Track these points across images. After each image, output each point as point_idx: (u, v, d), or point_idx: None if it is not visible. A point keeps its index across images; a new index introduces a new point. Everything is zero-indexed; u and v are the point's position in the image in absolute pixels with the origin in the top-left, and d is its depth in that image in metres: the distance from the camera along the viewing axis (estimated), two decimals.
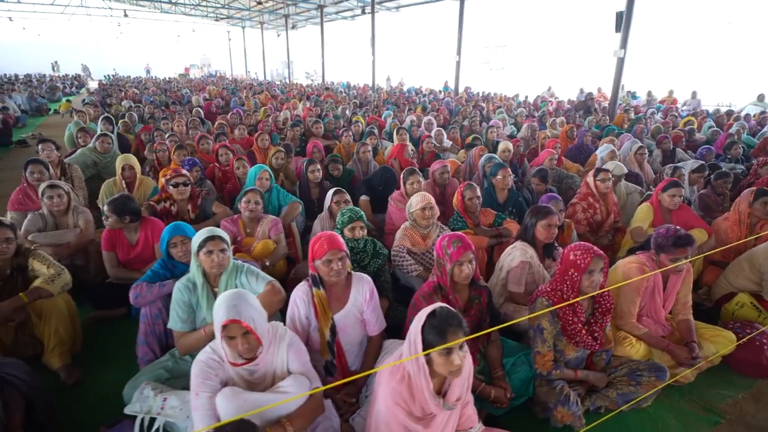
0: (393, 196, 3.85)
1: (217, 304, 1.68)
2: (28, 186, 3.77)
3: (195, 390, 1.65)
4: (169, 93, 14.36)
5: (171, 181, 3.54)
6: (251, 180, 3.84)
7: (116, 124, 6.82)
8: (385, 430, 1.63)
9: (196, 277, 2.26)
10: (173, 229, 2.50)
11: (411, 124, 7.57)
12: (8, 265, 2.46)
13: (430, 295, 2.15)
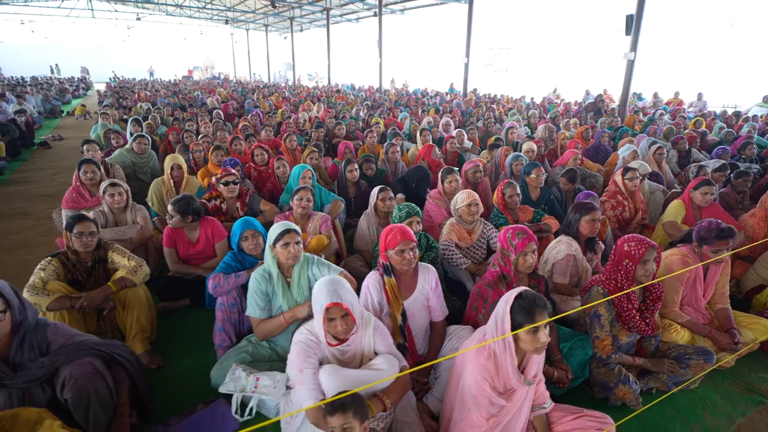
0: (431, 194, 4.01)
1: (317, 290, 1.84)
2: (81, 185, 3.92)
3: (298, 367, 1.81)
4: (180, 96, 14.50)
5: (222, 180, 3.70)
6: (295, 179, 4.00)
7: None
8: (472, 402, 1.78)
9: (272, 268, 2.42)
10: (245, 223, 2.66)
11: (428, 125, 7.73)
12: (90, 258, 2.62)
13: (495, 283, 2.31)
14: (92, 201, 3.94)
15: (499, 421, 1.80)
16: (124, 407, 1.94)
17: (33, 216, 4.98)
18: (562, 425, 1.92)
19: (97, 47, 42.75)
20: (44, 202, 5.53)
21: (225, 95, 14.96)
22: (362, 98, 15.22)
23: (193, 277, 3.18)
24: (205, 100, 12.76)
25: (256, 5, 27.80)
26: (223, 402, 2.10)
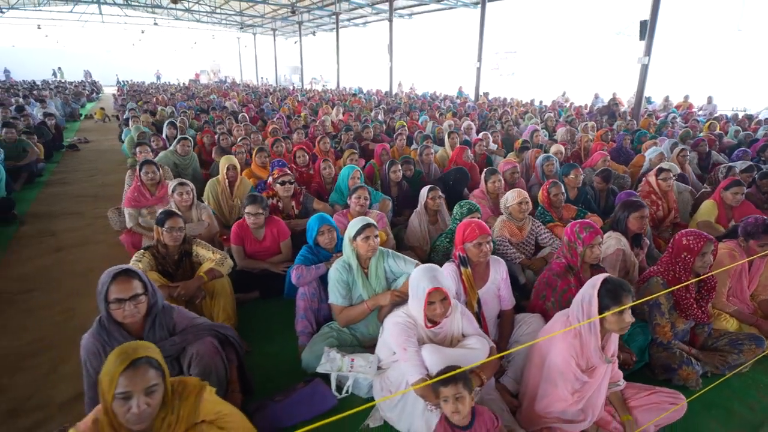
0: (474, 193, 4.21)
1: (418, 276, 2.03)
2: (141, 185, 4.11)
3: (402, 345, 2.00)
4: (197, 99, 14.73)
5: (279, 180, 3.89)
6: (344, 179, 4.20)
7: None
8: (559, 378, 1.97)
9: (351, 260, 2.61)
10: (321, 219, 2.86)
11: (449, 128, 7.94)
12: (177, 251, 2.81)
13: (563, 273, 2.49)
14: (152, 200, 4.14)
15: (583, 396, 1.99)
16: (234, 383, 2.13)
17: (85, 215, 5.18)
18: (636, 400, 2.10)
19: (105, 51, 43.01)
20: (90, 202, 5.73)
21: (240, 99, 15.19)
22: (375, 102, 15.42)
23: (260, 271, 3.37)
24: (224, 104, 12.97)
25: (266, 10, 28.08)
26: (320, 381, 2.29)
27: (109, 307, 1.83)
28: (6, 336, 2.83)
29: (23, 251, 4.13)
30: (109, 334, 1.87)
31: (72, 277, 3.67)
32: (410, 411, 2.04)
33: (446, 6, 21.39)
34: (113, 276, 1.84)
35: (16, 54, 38.22)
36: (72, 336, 2.85)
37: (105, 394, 1.37)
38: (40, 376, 2.48)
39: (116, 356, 1.39)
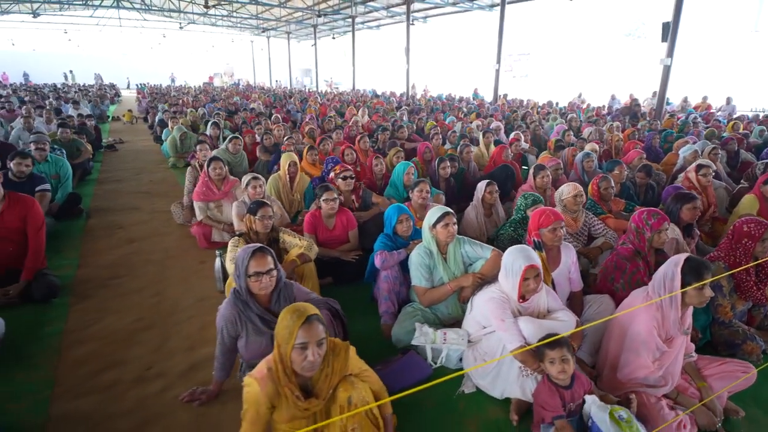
0: (523, 188, 4.42)
1: (513, 255, 2.25)
2: (209, 180, 4.38)
3: (500, 317, 2.22)
4: (222, 101, 15.07)
5: (340, 175, 4.14)
6: (399, 175, 4.44)
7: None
8: (642, 347, 2.18)
9: (431, 245, 2.84)
10: (399, 209, 3.10)
11: (478, 129, 8.16)
12: (266, 238, 3.06)
13: (632, 258, 2.70)
14: (219, 194, 4.41)
15: (662, 364, 2.20)
16: None
17: (143, 210, 5.46)
18: (709, 370, 2.31)
19: (120, 54, 43.68)
20: (144, 198, 6.02)
21: (263, 100, 15.52)
22: (394, 103, 15.67)
23: (330, 259, 3.61)
24: (250, 106, 13.29)
25: (281, 13, 28.49)
26: (414, 353, 2.52)
27: (248, 280, 2.07)
28: (111, 316, 3.09)
29: (99, 242, 4.40)
30: (245, 304, 2.12)
31: (151, 265, 3.93)
32: (504, 377, 2.26)
33: (462, 9, 21.63)
34: (251, 253, 2.08)
35: (28, 57, 38.77)
36: (167, 317, 3.12)
37: (284, 345, 1.61)
38: (152, 351, 2.73)
39: (291, 314, 1.63)
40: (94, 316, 3.08)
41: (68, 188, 5.12)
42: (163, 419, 2.16)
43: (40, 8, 26.67)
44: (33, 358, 2.62)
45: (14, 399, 2.29)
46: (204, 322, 3.02)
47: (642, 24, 46.86)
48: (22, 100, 14.61)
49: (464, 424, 2.18)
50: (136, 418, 2.17)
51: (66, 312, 3.13)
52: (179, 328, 2.96)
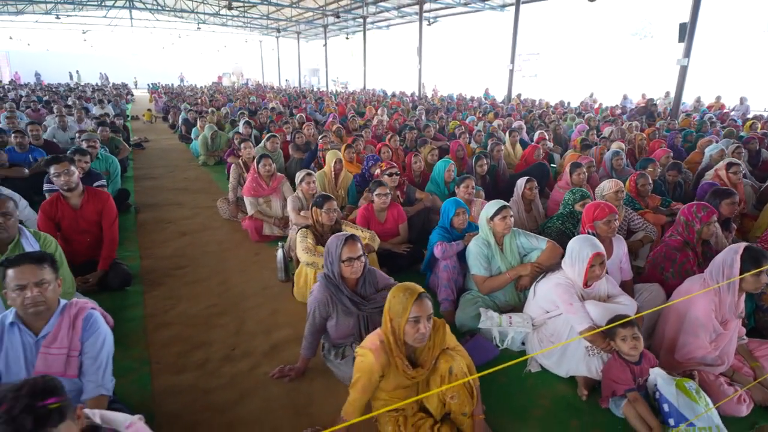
0: (559, 184, 4.60)
1: (579, 244, 2.44)
2: (258, 176, 4.57)
3: (568, 301, 2.40)
4: (239, 101, 15.28)
5: (386, 171, 4.32)
6: (441, 172, 4.62)
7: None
8: (701, 329, 2.35)
9: (489, 237, 3.03)
10: (456, 202, 3.29)
11: (499, 128, 8.34)
12: (330, 230, 3.25)
13: (682, 248, 2.88)
14: (268, 190, 4.60)
15: (719, 345, 2.38)
16: None
17: (186, 205, 5.67)
18: (761, 351, 2.49)
19: (129, 55, 43.93)
20: (184, 194, 6.23)
21: (280, 100, 15.72)
22: (407, 103, 15.84)
23: (383, 251, 3.79)
24: (269, 105, 13.50)
25: (292, 13, 28.71)
26: (480, 337, 2.71)
27: (341, 264, 2.27)
28: (185, 302, 3.29)
29: (153, 236, 4.61)
30: (337, 287, 2.31)
31: (209, 256, 4.13)
32: (570, 356, 2.44)
33: (473, 9, 21.78)
34: (344, 240, 2.27)
35: (37, 57, 38.87)
36: (237, 303, 3.32)
37: (397, 319, 1.80)
38: (231, 334, 2.92)
39: (404, 291, 1.82)
40: (168, 302, 3.29)
41: (117, 184, 5.34)
42: (258, 392, 2.36)
43: (54, 9, 27.08)
44: (123, 339, 2.82)
45: (118, 374, 2.49)
46: (273, 308, 3.23)
47: (649, 23, 46.79)
48: (40, 99, 14.88)
49: (536, 398, 2.36)
50: (233, 391, 2.37)
51: (141, 299, 3.33)
52: (251, 314, 3.16)
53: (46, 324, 1.87)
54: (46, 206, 3.33)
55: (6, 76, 35.21)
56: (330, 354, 2.48)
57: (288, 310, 3.21)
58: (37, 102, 13.04)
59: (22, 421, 1.05)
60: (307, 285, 3.13)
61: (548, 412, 2.27)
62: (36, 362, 1.83)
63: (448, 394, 1.90)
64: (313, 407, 2.28)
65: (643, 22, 47.05)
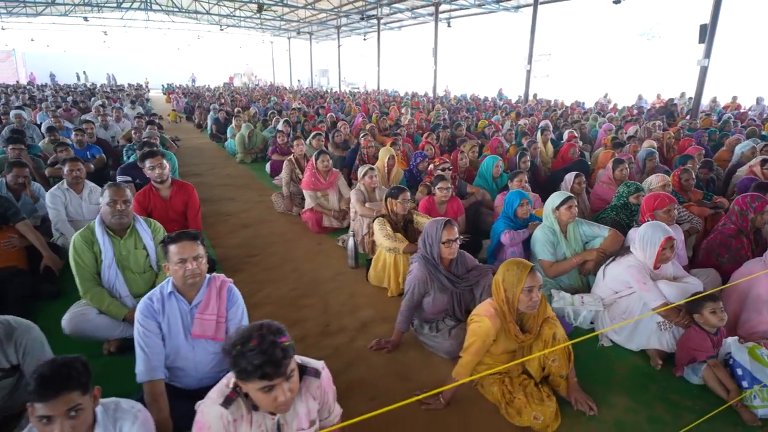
0: (602, 179, 4.84)
1: (652, 229, 2.68)
2: (317, 171, 4.84)
3: (641, 281, 2.64)
4: (261, 102, 15.59)
5: (439, 167, 4.59)
6: (489, 168, 4.89)
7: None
8: (763, 306, 2.59)
9: (554, 225, 3.28)
10: (521, 194, 3.54)
11: (525, 127, 8.60)
12: (403, 219, 3.52)
13: (736, 235, 3.12)
14: (325, 184, 4.87)
15: None
16: None
17: (239, 200, 5.95)
18: None
19: (144, 56, 44.32)
20: (231, 189, 6.51)
21: (301, 100, 16.02)
22: (425, 103, 16.10)
23: None
24: (292, 105, 13.79)
25: (305, 14, 29.04)
26: None
27: (441, 246, 2.53)
28: (268, 286, 3.56)
29: (217, 227, 4.89)
30: (435, 266, 2.58)
31: (275, 245, 4.40)
32: (642, 331, 2.69)
33: (487, 11, 22.01)
34: (444, 224, 2.53)
35: (46, 58, 38.96)
36: (316, 287, 3.59)
37: (511, 289, 2.06)
38: (320, 313, 3.19)
39: (517, 265, 2.08)
40: (252, 286, 3.55)
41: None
42: (363, 362, 2.62)
43: (72, 11, 27.56)
44: None
45: None
46: (351, 292, 3.49)
47: (657, 24, 46.75)
48: (64, 98, 15.26)
49: (614, 367, 2.61)
50: (340, 360, 2.63)
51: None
52: (332, 296, 3.42)
53: (197, 294, 2.14)
54: (139, 197, 3.61)
55: (23, 77, 35.73)
56: (423, 329, 2.74)
57: (365, 293, 3.47)
58: (68, 102, 13.41)
59: (272, 351, 1.31)
60: (384, 269, 3.40)
61: (627, 378, 2.52)
62: (193, 326, 2.10)
63: (550, 358, 2.16)
64: (413, 375, 2.54)
65: (650, 23, 47.02)
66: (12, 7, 26.10)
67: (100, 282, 2.76)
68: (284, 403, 1.34)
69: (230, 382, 1.45)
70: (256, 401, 1.38)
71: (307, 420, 1.52)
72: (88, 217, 4.16)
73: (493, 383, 2.23)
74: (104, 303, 2.70)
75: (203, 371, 2.15)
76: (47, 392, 1.29)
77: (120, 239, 2.82)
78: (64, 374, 1.33)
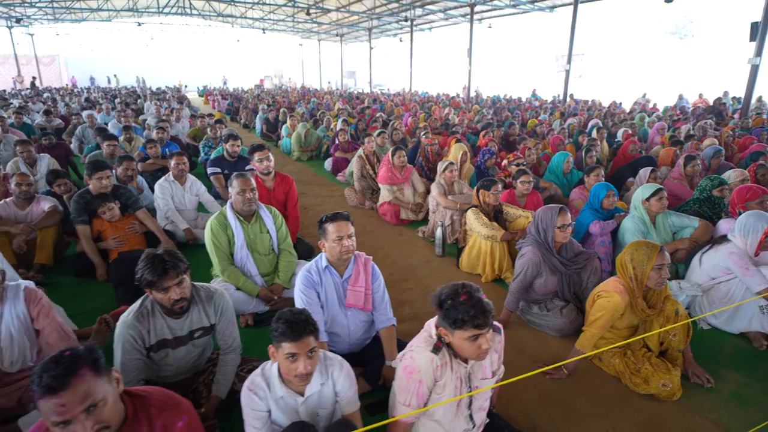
0: (673, 176, 4.95)
1: (754, 219, 2.82)
2: (393, 167, 5.09)
3: (744, 266, 2.78)
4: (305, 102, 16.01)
5: (513, 162, 4.79)
6: (559, 164, 5.06)
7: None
8: None
9: (644, 215, 3.44)
10: (607, 186, 3.70)
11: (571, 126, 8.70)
12: (493, 209, 3.73)
13: None
14: (401, 178, 5.11)
15: None
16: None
17: (310, 195, 6.26)
18: None
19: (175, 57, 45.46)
20: (299, 185, 6.68)
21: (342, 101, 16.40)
22: (463, 103, 16.26)
23: None
24: (332, 106, 14.14)
25: (338, 17, 29.52)
26: None
27: (556, 230, 2.73)
28: None
29: (302, 219, 5.17)
30: (548, 250, 2.78)
31: (360, 235, 4.55)
32: (743, 315, 2.83)
33: (521, 11, 22.01)
34: (558, 211, 2.73)
35: (82, 62, 40.11)
36: (412, 272, 3.83)
37: (640, 267, 2.25)
38: (421, 294, 3.43)
39: (645, 245, 2.27)
40: None
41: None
42: None
43: (116, 16, 28.75)
44: None
45: None
46: (446, 277, 3.72)
47: (690, 22, 45.60)
48: (112, 100, 16.00)
49: (719, 347, 2.76)
50: None
51: None
52: (430, 281, 3.65)
53: (346, 268, 2.40)
54: None
55: (65, 81, 37.26)
56: (531, 309, 2.94)
57: (460, 278, 3.66)
58: (122, 104, 14.07)
59: (481, 304, 1.54)
60: (479, 256, 3.62)
61: (734, 357, 2.67)
62: (346, 297, 2.36)
63: (671, 333, 2.34)
64: (528, 349, 2.74)
65: (683, 21, 45.91)
66: (60, 14, 27.45)
67: (233, 262, 3.05)
68: (487, 350, 1.57)
69: (433, 333, 1.68)
70: (460, 349, 1.61)
71: (490, 370, 1.75)
72: (190, 207, 4.53)
73: (614, 356, 2.42)
74: (240, 281, 2.99)
75: (354, 337, 2.41)
76: (295, 334, 1.55)
77: (248, 224, 3.12)
78: (304, 320, 1.59)
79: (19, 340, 2.05)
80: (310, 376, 1.61)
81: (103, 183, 3.69)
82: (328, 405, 1.74)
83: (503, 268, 3.57)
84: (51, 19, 29.28)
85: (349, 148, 7.29)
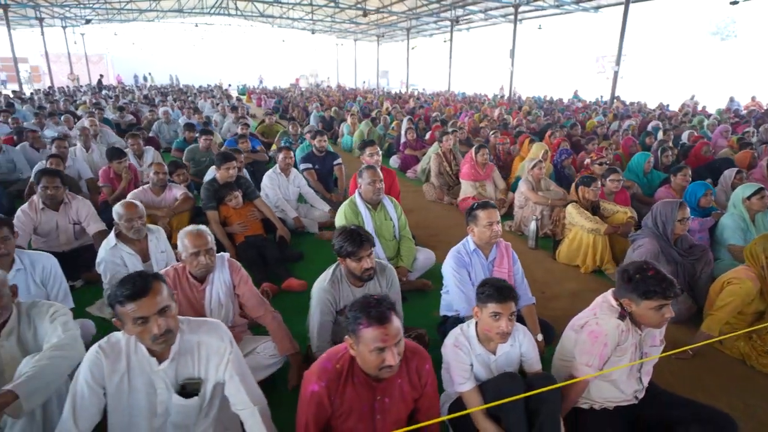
0: (755, 177, 5.03)
1: None
2: (476, 164, 5.34)
3: None
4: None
5: (597, 161, 4.97)
6: (640, 164, 5.23)
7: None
8: None
9: (744, 213, 3.59)
10: (704, 185, 3.87)
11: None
12: (591, 206, 3.94)
13: None
14: (483, 175, 5.36)
15: None
16: None
17: None
18: None
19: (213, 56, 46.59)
20: None
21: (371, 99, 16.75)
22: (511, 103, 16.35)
23: None
24: (380, 106, 14.48)
25: (377, 17, 29.86)
26: None
27: (676, 224, 2.94)
28: None
29: None
30: (667, 241, 2.99)
31: (450, 228, 4.93)
32: None
33: (565, 11, 21.87)
34: (679, 205, 2.94)
35: (122, 61, 41.28)
36: None
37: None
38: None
39: None
40: None
41: None
42: None
43: (164, 16, 29.91)
44: None
45: None
46: (545, 268, 3.97)
47: (732, 22, 44.03)
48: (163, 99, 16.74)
49: None
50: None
51: None
52: (529, 271, 3.82)
53: (490, 252, 2.67)
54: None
55: (111, 79, 38.81)
56: None
57: (559, 269, 3.94)
58: (181, 102, 14.76)
59: (667, 277, 1.78)
60: (580, 248, 3.84)
61: None
62: (491, 275, 2.63)
63: None
64: None
65: (725, 21, 44.37)
66: (113, 14, 28.73)
67: None
68: (668, 318, 1.81)
69: (613, 303, 1.93)
70: (643, 318, 1.85)
71: (658, 339, 1.99)
72: (292, 198, 4.88)
73: (739, 339, 2.62)
74: None
75: None
76: (501, 296, 1.83)
77: (375, 212, 3.44)
78: (509, 287, 1.87)
79: (226, 303, 2.39)
80: (508, 336, 1.89)
81: (230, 173, 4.07)
82: (514, 364, 2.02)
83: (604, 260, 3.78)
84: (104, 19, 30.65)
85: (417, 146, 7.57)
